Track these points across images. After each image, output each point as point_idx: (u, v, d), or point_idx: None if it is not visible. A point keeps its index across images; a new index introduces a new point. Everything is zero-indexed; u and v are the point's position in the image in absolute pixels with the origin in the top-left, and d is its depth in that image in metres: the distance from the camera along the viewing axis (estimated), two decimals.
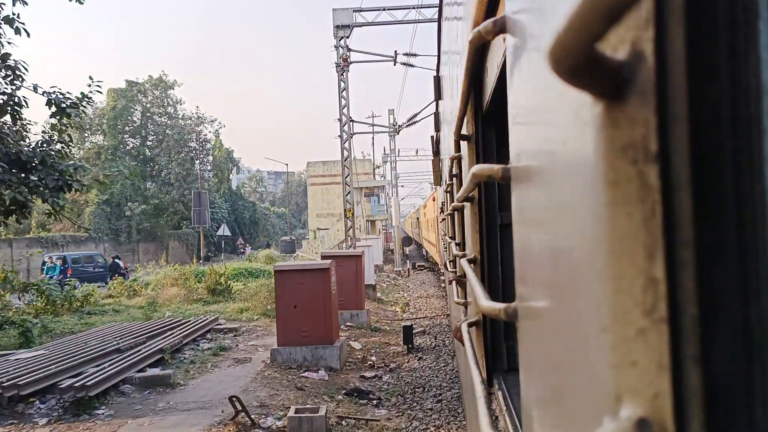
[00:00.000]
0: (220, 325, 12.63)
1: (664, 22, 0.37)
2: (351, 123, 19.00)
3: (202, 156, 51.32)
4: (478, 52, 1.65)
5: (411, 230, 49.12)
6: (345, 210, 18.44)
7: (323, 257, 12.28)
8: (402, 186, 68.97)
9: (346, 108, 18.70)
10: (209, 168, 53.84)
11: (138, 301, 17.15)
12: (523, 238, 0.92)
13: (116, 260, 30.82)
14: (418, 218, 39.78)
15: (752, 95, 0.36)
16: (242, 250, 45.62)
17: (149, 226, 46.39)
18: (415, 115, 20.63)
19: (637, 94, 0.40)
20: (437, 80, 6.53)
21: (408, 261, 30.39)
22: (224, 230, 41.80)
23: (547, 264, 0.71)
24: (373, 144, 46.53)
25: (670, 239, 0.38)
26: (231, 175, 57.33)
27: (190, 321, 12.26)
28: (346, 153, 18.87)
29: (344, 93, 18.69)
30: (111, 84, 52.28)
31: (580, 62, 0.42)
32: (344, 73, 18.62)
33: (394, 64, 19.73)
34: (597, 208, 0.47)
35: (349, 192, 18.74)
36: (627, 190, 0.41)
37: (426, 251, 32.91)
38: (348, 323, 12.67)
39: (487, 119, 2.11)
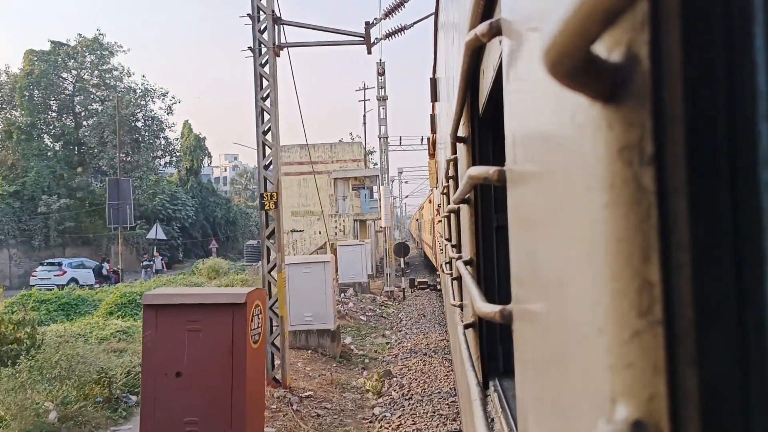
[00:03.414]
0: None
1: (659, 25, 0.37)
2: (277, 26, 8.91)
3: (146, 137, 40.71)
4: (475, 54, 1.65)
5: (415, 233, 43.09)
6: (262, 195, 8.66)
7: (145, 307, 5.34)
8: (406, 182, 59.98)
9: None
10: (160, 154, 42.92)
11: None
12: (519, 241, 0.92)
13: (104, 263, 28.42)
14: (417, 220, 35.81)
15: (747, 98, 0.36)
16: (148, 262, 31.67)
17: (76, 225, 35.43)
18: (399, 5, 10.50)
19: (632, 96, 0.40)
20: (433, 82, 6.55)
21: (404, 276, 22.88)
22: (157, 232, 31.88)
23: (543, 266, 0.71)
24: (364, 123, 34.72)
25: (666, 242, 0.38)
26: (201, 166, 47.96)
27: None
28: (266, 83, 8.78)
29: None
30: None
31: (575, 64, 0.42)
32: None
33: None
34: (592, 210, 0.47)
35: (271, 162, 8.82)
36: (623, 192, 0.41)
37: (423, 252, 31.25)
38: None
39: (483, 121, 2.12)
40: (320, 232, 27.94)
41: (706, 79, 0.37)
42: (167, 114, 43.59)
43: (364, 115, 34.45)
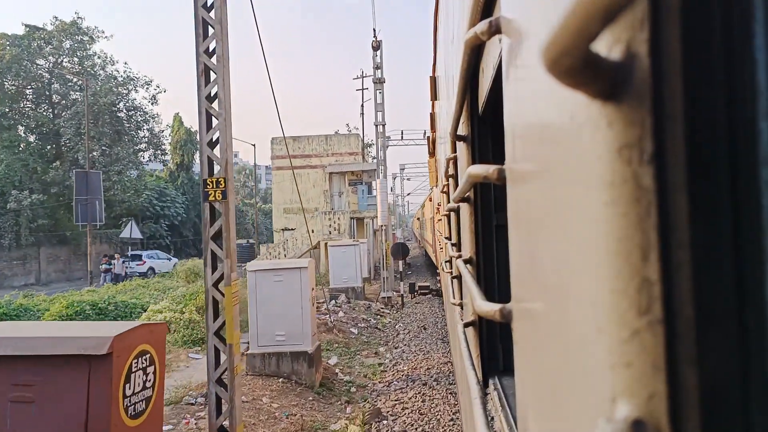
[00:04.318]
0: None
1: (659, 23, 0.37)
2: None
3: (128, 128, 37.73)
4: (474, 52, 1.65)
5: (417, 232, 42.14)
6: (205, 181, 6.26)
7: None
8: (408, 179, 58.42)
9: None
10: (144, 147, 39.96)
11: None
12: (519, 239, 0.92)
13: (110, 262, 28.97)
14: (419, 218, 35.10)
15: (747, 96, 0.36)
16: (108, 265, 27.67)
17: (51, 223, 32.79)
18: None
19: (632, 94, 0.40)
20: (433, 80, 6.54)
21: (404, 280, 20.03)
22: (132, 231, 29.10)
23: (543, 265, 0.71)
24: (362, 114, 32.41)
25: (666, 240, 0.37)
26: (193, 161, 44.76)
27: None
28: (211, 31, 6.38)
29: None
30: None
31: (575, 63, 0.42)
32: None
33: None
34: (592, 209, 0.47)
35: (216, 130, 6.38)
36: (622, 191, 0.41)
37: (425, 251, 30.72)
38: None
39: (482, 120, 2.12)
40: (314, 231, 24.56)
41: (706, 77, 0.37)
42: (152, 104, 40.86)
43: (362, 105, 32.38)
